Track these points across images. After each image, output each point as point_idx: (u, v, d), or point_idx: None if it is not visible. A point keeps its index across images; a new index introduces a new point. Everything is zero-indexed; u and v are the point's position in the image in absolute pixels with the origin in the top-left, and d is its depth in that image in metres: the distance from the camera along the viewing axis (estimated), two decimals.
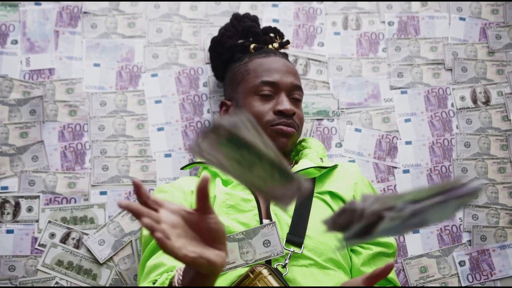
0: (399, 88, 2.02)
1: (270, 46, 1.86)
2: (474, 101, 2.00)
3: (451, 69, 2.04)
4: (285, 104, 1.68)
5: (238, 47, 1.85)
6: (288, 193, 0.99)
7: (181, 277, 1.18)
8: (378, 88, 2.02)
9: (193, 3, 2.06)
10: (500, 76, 2.04)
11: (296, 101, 1.74)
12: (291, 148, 1.72)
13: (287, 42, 1.88)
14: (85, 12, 2.02)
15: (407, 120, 1.98)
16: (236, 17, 1.91)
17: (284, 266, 1.45)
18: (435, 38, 2.07)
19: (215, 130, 0.94)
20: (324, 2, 2.09)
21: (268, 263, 1.46)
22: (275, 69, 1.73)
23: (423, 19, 2.09)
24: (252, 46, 1.84)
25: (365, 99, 2.01)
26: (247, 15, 1.92)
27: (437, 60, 2.05)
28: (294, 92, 1.74)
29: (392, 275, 1.60)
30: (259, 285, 1.36)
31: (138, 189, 1.04)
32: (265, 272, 1.36)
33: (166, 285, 1.28)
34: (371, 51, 2.06)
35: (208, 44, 2.01)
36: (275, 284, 1.36)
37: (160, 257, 1.44)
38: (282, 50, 1.89)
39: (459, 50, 2.06)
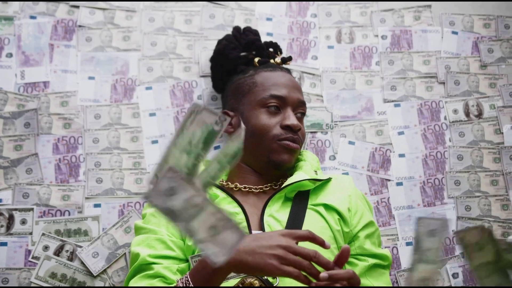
0: (392, 101, 2.03)
1: (272, 61, 1.87)
2: (467, 114, 2.01)
3: (443, 83, 2.05)
4: (292, 119, 1.69)
5: (242, 59, 1.86)
6: (224, 246, 1.03)
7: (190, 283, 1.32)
8: (371, 101, 2.03)
9: (188, 17, 2.08)
10: (492, 89, 2.05)
11: (300, 117, 1.76)
12: (293, 164, 1.73)
13: (290, 58, 1.89)
14: (80, 26, 2.04)
15: (400, 133, 1.99)
16: (238, 30, 1.93)
17: (274, 277, 1.45)
18: (428, 52, 2.09)
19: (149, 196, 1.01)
20: (318, 16, 2.11)
21: None
22: (282, 83, 1.74)
23: (416, 33, 2.11)
24: (256, 59, 1.85)
25: (358, 112, 2.02)
26: (248, 29, 1.94)
27: (430, 74, 2.06)
28: (299, 108, 1.75)
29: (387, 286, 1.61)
30: None
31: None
32: (256, 283, 1.36)
33: None
34: (364, 64, 2.08)
35: (202, 57, 2.02)
36: None
37: (142, 281, 1.49)
38: (283, 66, 1.89)
39: (452, 64, 2.07)
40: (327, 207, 1.61)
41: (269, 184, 1.71)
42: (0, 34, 2.00)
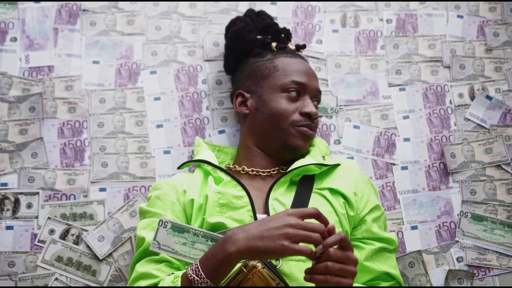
0: (397, 85, 2.03)
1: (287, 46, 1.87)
2: (472, 98, 2.01)
3: (449, 67, 2.05)
4: (311, 107, 1.71)
5: (258, 43, 1.86)
6: None
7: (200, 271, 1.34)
8: (376, 85, 2.03)
9: (192, 1, 2.07)
10: (498, 73, 2.04)
11: (316, 105, 1.77)
12: (307, 150, 1.74)
13: (304, 46, 1.89)
14: (84, 10, 2.03)
15: (405, 117, 1.99)
16: (253, 12, 1.93)
17: (277, 259, 1.46)
18: (433, 36, 2.08)
19: (163, 223, 1.40)
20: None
21: None
22: (303, 70, 1.76)
23: (421, 17, 2.10)
24: (274, 44, 1.85)
25: (363, 96, 2.01)
26: (263, 12, 1.94)
27: (435, 58, 2.06)
28: (316, 96, 1.77)
29: (395, 271, 1.61)
30: (254, 279, 1.36)
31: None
32: (258, 265, 1.37)
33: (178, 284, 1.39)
34: (369, 48, 2.07)
35: (207, 41, 2.02)
36: (269, 277, 1.37)
37: (148, 266, 1.51)
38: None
39: (457, 48, 2.06)
40: (332, 191, 1.62)
41: (276, 168, 1.71)
42: (4, 18, 1.99)
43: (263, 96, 1.74)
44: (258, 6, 2.07)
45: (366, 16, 2.10)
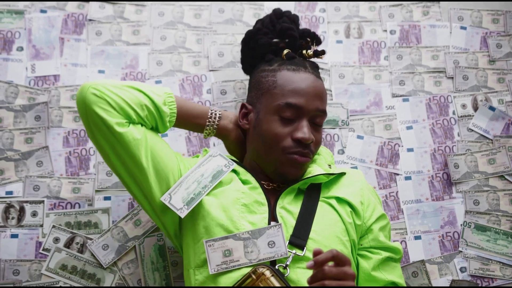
0: (401, 95, 2.04)
1: (304, 52, 1.76)
2: (475, 109, 2.02)
3: (452, 77, 2.06)
4: (304, 131, 1.61)
5: (272, 47, 1.76)
6: None
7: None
8: (380, 95, 2.04)
9: (197, 11, 2.09)
10: (500, 84, 2.05)
11: (317, 126, 1.67)
12: (301, 176, 1.66)
13: (323, 52, 1.77)
14: (90, 20, 2.05)
15: (408, 128, 2.00)
16: (276, 14, 1.81)
17: (285, 267, 1.46)
18: (437, 47, 2.09)
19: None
20: (327, 11, 2.12)
21: (272, 263, 1.47)
22: (302, 90, 1.64)
23: (425, 28, 2.11)
24: (285, 51, 1.73)
25: (367, 107, 2.02)
26: (287, 14, 1.81)
27: (438, 68, 2.07)
28: (317, 117, 1.66)
29: (401, 280, 1.62)
30: (261, 286, 1.37)
31: None
32: (267, 273, 1.37)
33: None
34: (373, 59, 2.08)
35: (211, 51, 2.04)
36: (277, 285, 1.37)
37: None
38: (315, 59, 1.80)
39: (460, 59, 2.08)
40: (339, 199, 1.61)
41: (282, 185, 1.67)
42: (11, 27, 2.01)
43: (260, 114, 1.67)
44: (264, 14, 2.08)
45: (369, 27, 2.12)
